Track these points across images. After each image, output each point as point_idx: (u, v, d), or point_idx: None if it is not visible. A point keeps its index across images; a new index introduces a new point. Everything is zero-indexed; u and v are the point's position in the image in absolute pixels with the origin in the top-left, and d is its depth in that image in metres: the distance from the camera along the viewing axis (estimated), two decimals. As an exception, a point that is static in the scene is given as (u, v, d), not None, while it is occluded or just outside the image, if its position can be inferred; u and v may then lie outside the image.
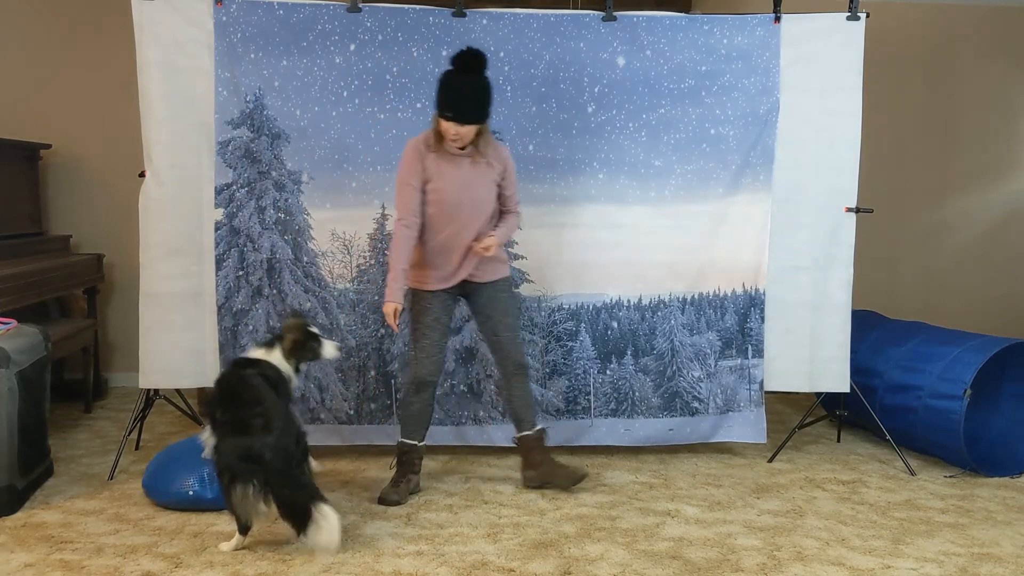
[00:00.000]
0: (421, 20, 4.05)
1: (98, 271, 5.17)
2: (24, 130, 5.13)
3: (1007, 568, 3.10)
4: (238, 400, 3.07)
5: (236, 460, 2.96)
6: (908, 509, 3.67)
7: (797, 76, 4.16)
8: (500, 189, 3.63)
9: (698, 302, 4.26)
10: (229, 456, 2.98)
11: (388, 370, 4.17)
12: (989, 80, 5.89)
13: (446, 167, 3.52)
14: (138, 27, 3.92)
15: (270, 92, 4.00)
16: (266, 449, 2.95)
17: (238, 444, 2.98)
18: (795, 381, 4.31)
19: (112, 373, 5.50)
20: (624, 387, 4.26)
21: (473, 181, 3.55)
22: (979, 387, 4.11)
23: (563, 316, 4.22)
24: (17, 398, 3.39)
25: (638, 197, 4.20)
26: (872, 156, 4.76)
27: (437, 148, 3.51)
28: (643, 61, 4.14)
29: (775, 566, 3.05)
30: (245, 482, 2.94)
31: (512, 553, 3.11)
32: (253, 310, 4.07)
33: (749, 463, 4.25)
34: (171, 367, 4.06)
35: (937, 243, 6.00)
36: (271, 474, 2.93)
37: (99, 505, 3.51)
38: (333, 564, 2.99)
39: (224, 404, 3.10)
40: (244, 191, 4.04)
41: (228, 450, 3.00)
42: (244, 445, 2.96)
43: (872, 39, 4.22)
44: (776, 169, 4.19)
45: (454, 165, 3.52)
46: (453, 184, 3.52)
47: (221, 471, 3.02)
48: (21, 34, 5.33)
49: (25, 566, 2.94)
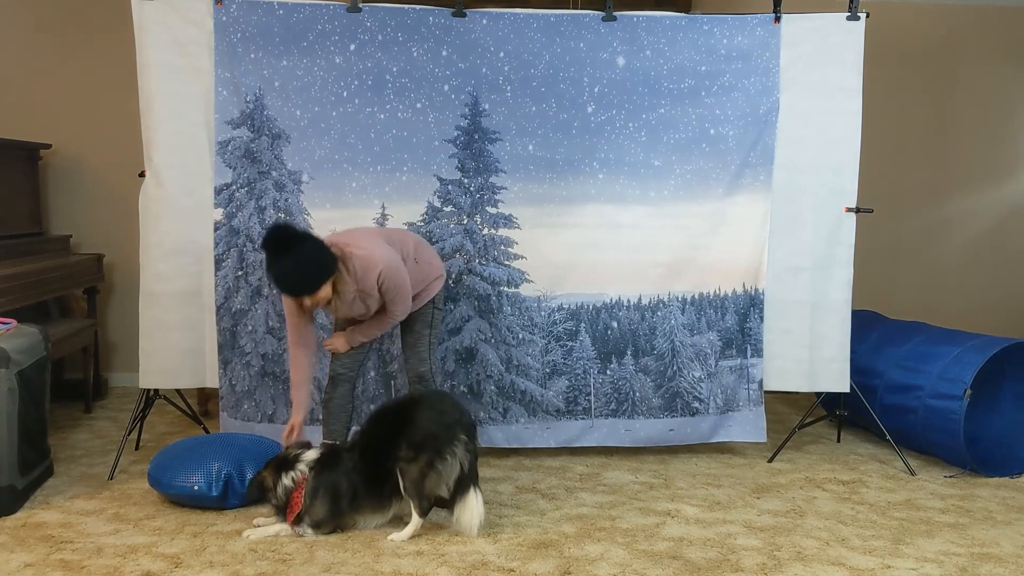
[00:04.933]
0: (421, 20, 4.05)
1: (98, 271, 5.17)
2: (24, 130, 5.13)
3: (1007, 568, 3.10)
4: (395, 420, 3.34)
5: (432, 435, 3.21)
6: (908, 509, 3.67)
7: (797, 76, 4.16)
8: (384, 302, 3.56)
9: (698, 302, 4.26)
10: (423, 436, 3.21)
11: (388, 370, 4.17)
12: (989, 80, 5.89)
13: (332, 308, 3.55)
14: (138, 27, 3.92)
15: (270, 92, 4.00)
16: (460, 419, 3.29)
17: (426, 424, 3.24)
18: (795, 381, 4.31)
19: (112, 373, 5.50)
20: (624, 387, 4.26)
21: (354, 306, 3.53)
22: (979, 387, 4.11)
23: (563, 316, 4.22)
24: (17, 398, 3.39)
25: (638, 197, 4.20)
26: (872, 156, 4.76)
27: (302, 305, 3.47)
28: (643, 61, 4.14)
29: (775, 566, 3.05)
30: (452, 449, 3.19)
31: (512, 553, 3.11)
32: (252, 310, 4.07)
33: (749, 463, 4.25)
34: (171, 367, 4.06)
35: (937, 243, 6.00)
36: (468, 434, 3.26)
37: (99, 505, 3.52)
38: (333, 564, 2.99)
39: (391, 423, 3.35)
40: (244, 191, 4.04)
41: (420, 432, 3.22)
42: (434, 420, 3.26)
43: (872, 39, 4.22)
44: (776, 169, 4.19)
45: (337, 304, 3.51)
46: (339, 312, 3.56)
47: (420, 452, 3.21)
48: (21, 34, 5.33)
49: (25, 566, 2.94)
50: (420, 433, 3.21)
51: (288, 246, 3.29)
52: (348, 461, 3.29)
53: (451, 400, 3.45)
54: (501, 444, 4.19)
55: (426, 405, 3.31)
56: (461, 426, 3.26)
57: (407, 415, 3.28)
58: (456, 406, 3.37)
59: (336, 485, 3.24)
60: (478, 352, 4.18)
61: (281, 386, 4.10)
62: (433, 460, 3.17)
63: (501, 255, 4.18)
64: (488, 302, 4.17)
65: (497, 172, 4.14)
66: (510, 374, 4.19)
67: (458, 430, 3.23)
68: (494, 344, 4.18)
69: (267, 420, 4.11)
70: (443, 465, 3.18)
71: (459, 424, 3.26)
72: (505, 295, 4.18)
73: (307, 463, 3.28)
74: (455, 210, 4.13)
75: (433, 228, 4.14)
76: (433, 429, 3.21)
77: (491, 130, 4.12)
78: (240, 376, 4.08)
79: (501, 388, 4.19)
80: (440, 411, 3.28)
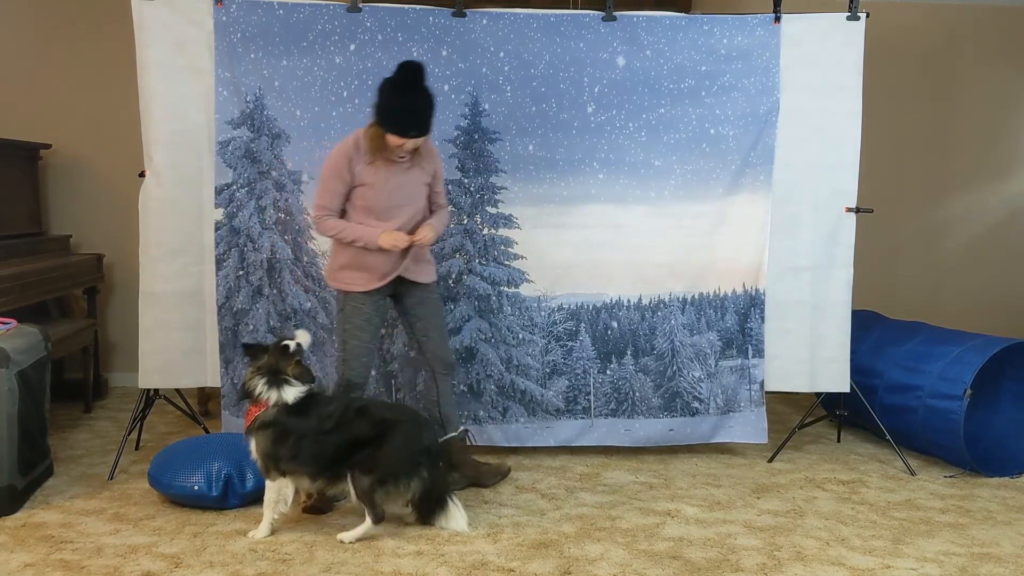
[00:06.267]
0: (421, 20, 4.05)
1: (98, 271, 5.17)
2: (24, 130, 5.12)
3: (1007, 568, 3.10)
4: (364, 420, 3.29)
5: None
6: (908, 509, 3.67)
7: (797, 76, 4.16)
8: (430, 188, 3.62)
9: (698, 302, 4.26)
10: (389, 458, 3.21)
11: (388, 370, 4.17)
12: (989, 80, 5.89)
13: (379, 174, 3.48)
14: (138, 27, 3.92)
15: (270, 92, 4.00)
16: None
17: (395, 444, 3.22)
18: (795, 381, 4.31)
19: (112, 373, 5.50)
20: (624, 387, 4.26)
21: (406, 184, 3.53)
22: (979, 387, 4.11)
23: (563, 316, 4.22)
24: (17, 398, 3.39)
25: (638, 197, 4.20)
26: (872, 156, 4.76)
27: (373, 156, 3.46)
28: (643, 61, 4.14)
29: (775, 566, 3.05)
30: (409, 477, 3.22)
31: (512, 553, 3.11)
32: (253, 310, 4.07)
33: (749, 463, 4.25)
34: (171, 367, 4.06)
35: (937, 243, 6.00)
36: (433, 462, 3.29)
37: (99, 505, 3.52)
38: (333, 564, 2.99)
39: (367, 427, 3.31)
40: (244, 191, 4.04)
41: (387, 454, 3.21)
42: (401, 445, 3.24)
43: (872, 39, 4.22)
44: (776, 169, 4.19)
45: (388, 171, 3.49)
46: (385, 189, 3.49)
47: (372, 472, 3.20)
48: (21, 34, 5.33)
49: (25, 566, 2.94)
50: (383, 456, 3.19)
51: (420, 84, 3.40)
52: (314, 418, 3.23)
53: (426, 428, 3.38)
54: (501, 443, 4.19)
55: (400, 431, 3.24)
56: (426, 455, 3.28)
57: (381, 431, 3.22)
58: (426, 435, 3.34)
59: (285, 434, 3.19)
60: (478, 352, 4.18)
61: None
62: (386, 481, 3.19)
63: (501, 255, 4.18)
64: (488, 302, 4.18)
65: (497, 172, 4.15)
66: (510, 374, 4.20)
67: (421, 462, 3.25)
68: (494, 344, 4.19)
69: (267, 420, 4.11)
70: (395, 488, 3.21)
71: (425, 453, 3.28)
72: (505, 295, 4.18)
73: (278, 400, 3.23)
74: (455, 210, 4.13)
75: (433, 228, 4.14)
76: (396, 457, 3.20)
77: (491, 130, 4.12)
78: (241, 375, 4.08)
79: (501, 388, 4.19)
80: (410, 439, 3.25)
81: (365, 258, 3.53)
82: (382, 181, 3.48)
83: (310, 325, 4.08)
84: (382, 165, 3.48)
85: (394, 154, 3.46)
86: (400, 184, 3.51)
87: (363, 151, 3.47)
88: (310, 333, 3.48)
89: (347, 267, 3.57)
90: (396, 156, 3.47)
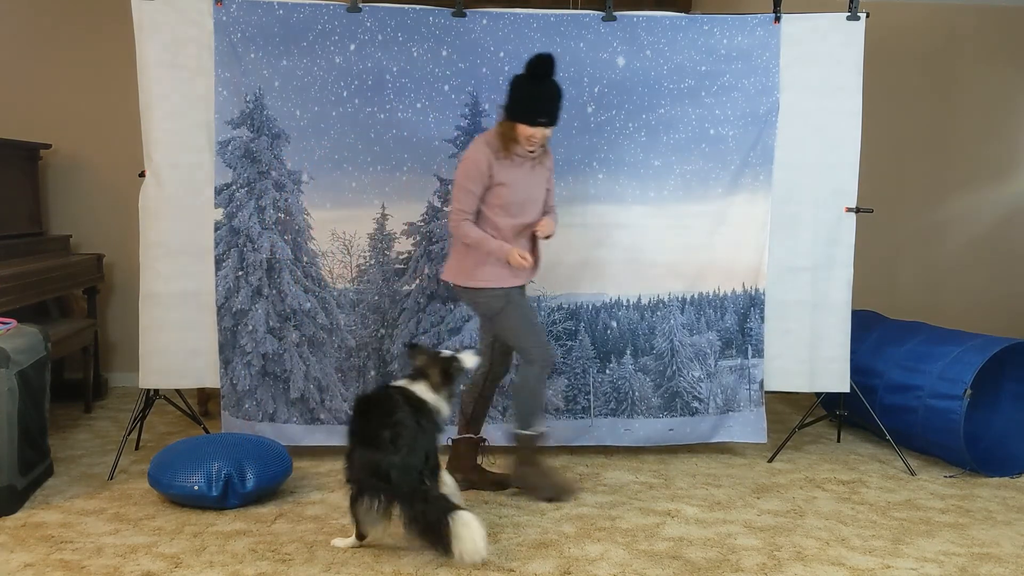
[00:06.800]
0: (421, 20, 4.05)
1: (98, 271, 5.17)
2: (24, 130, 5.12)
3: (1007, 568, 3.10)
4: (371, 413, 3.13)
5: (364, 473, 3.01)
6: (908, 509, 3.67)
7: (797, 76, 4.16)
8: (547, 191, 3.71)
9: (698, 302, 4.26)
10: (358, 468, 3.05)
11: (388, 370, 4.17)
12: (989, 80, 5.89)
13: (512, 171, 3.55)
14: (138, 27, 3.92)
15: (270, 92, 4.00)
16: (392, 468, 2.97)
17: (366, 457, 3.03)
18: (795, 381, 4.31)
19: (112, 373, 5.50)
20: (624, 387, 4.26)
21: (534, 181, 3.62)
22: (979, 387, 4.11)
23: (562, 316, 4.22)
24: (17, 398, 3.39)
25: (638, 197, 4.20)
26: (872, 156, 4.76)
27: (506, 153, 3.52)
28: (643, 61, 4.13)
29: (775, 566, 3.05)
30: (371, 496, 2.99)
31: (512, 553, 3.11)
32: (253, 310, 4.07)
33: (749, 463, 4.25)
34: (171, 367, 4.06)
35: (937, 243, 6.00)
36: (397, 494, 2.97)
37: (99, 505, 3.52)
38: (333, 564, 2.99)
39: (359, 415, 3.16)
40: (244, 191, 4.04)
41: (358, 462, 3.05)
42: (372, 460, 3.00)
43: (872, 39, 4.22)
44: (776, 169, 4.19)
45: (519, 169, 3.56)
46: (519, 187, 3.56)
47: (349, 480, 3.08)
48: (21, 34, 5.33)
49: (25, 566, 2.94)
50: (352, 471, 3.07)
51: (550, 75, 3.48)
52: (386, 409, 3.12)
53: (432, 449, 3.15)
54: (500, 443, 4.19)
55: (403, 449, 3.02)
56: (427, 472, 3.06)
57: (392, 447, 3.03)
58: (431, 451, 3.13)
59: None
60: (478, 352, 4.18)
61: (281, 385, 4.10)
62: (363, 494, 3.01)
63: (501, 255, 4.17)
64: (488, 302, 4.17)
65: (497, 172, 4.14)
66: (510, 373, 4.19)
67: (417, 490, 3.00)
68: (494, 344, 4.18)
69: (268, 419, 4.11)
70: (369, 505, 3.01)
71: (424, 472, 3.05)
72: (505, 295, 4.17)
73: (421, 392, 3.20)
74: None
75: (433, 228, 4.14)
76: (399, 477, 2.97)
77: (491, 130, 4.12)
78: (241, 376, 4.08)
79: (501, 387, 4.18)
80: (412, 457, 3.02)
81: None
82: (516, 179, 3.55)
83: (310, 325, 4.09)
84: (511, 165, 3.53)
85: (524, 147, 3.51)
86: (529, 183, 3.60)
87: (495, 149, 3.52)
88: (476, 358, 3.47)
89: (483, 264, 3.56)
90: (526, 149, 3.52)
